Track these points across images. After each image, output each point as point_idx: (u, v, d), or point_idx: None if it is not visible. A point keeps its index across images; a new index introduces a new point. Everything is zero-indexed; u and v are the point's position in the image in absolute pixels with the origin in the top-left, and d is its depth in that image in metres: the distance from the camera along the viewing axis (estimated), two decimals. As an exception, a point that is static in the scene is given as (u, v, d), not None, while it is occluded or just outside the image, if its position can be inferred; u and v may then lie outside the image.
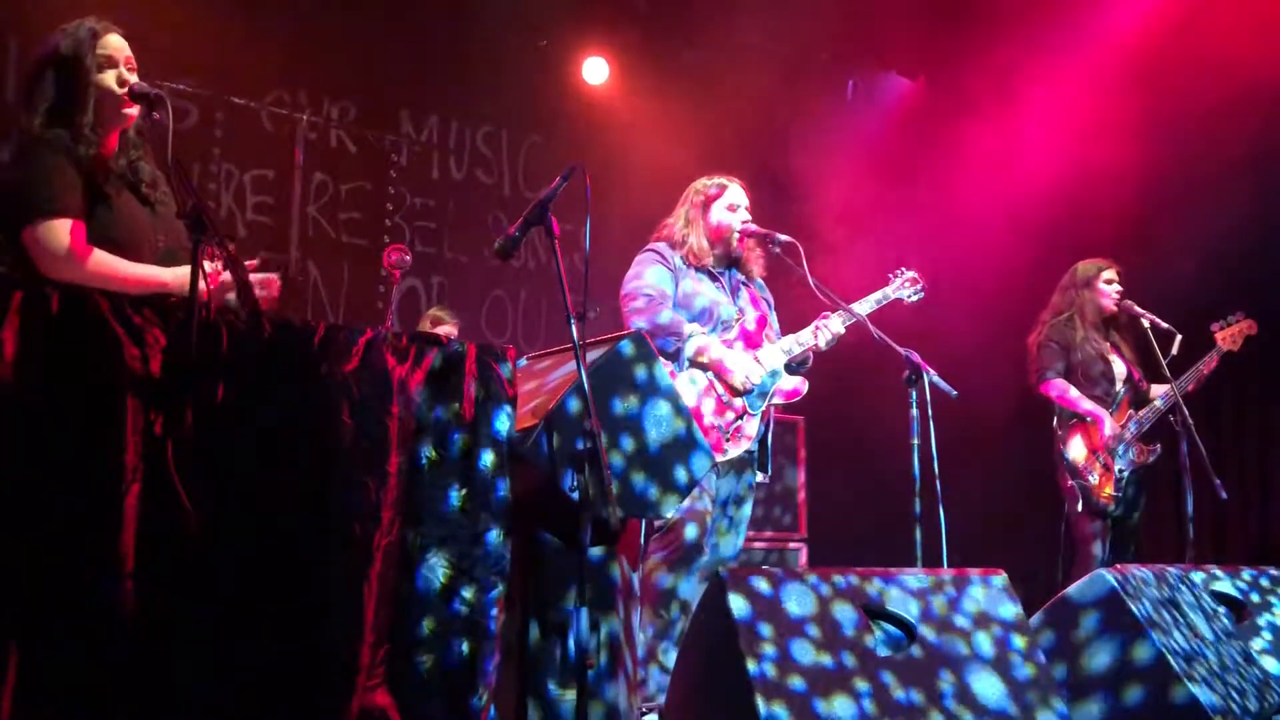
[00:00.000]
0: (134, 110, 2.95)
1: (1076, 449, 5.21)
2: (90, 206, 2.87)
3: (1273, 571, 3.94)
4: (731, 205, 4.34)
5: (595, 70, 7.22)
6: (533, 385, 3.12)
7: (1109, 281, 5.40)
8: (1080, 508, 5.15)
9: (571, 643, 2.74)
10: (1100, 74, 6.56)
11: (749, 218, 4.35)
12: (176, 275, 2.84)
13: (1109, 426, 5.16)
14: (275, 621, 2.25)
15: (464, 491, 2.54)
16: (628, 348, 3.10)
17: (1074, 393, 5.25)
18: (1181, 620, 3.37)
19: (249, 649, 2.21)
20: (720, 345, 4.16)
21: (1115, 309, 5.38)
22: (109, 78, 2.93)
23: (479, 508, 2.55)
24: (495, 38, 6.63)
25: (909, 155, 7.42)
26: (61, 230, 2.79)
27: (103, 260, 2.82)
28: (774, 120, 7.30)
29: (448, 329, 5.89)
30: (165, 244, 2.98)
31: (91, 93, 2.91)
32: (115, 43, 2.98)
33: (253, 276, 2.91)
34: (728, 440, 4.09)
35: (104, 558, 2.09)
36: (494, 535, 2.55)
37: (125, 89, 2.92)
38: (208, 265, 2.75)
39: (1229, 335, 5.32)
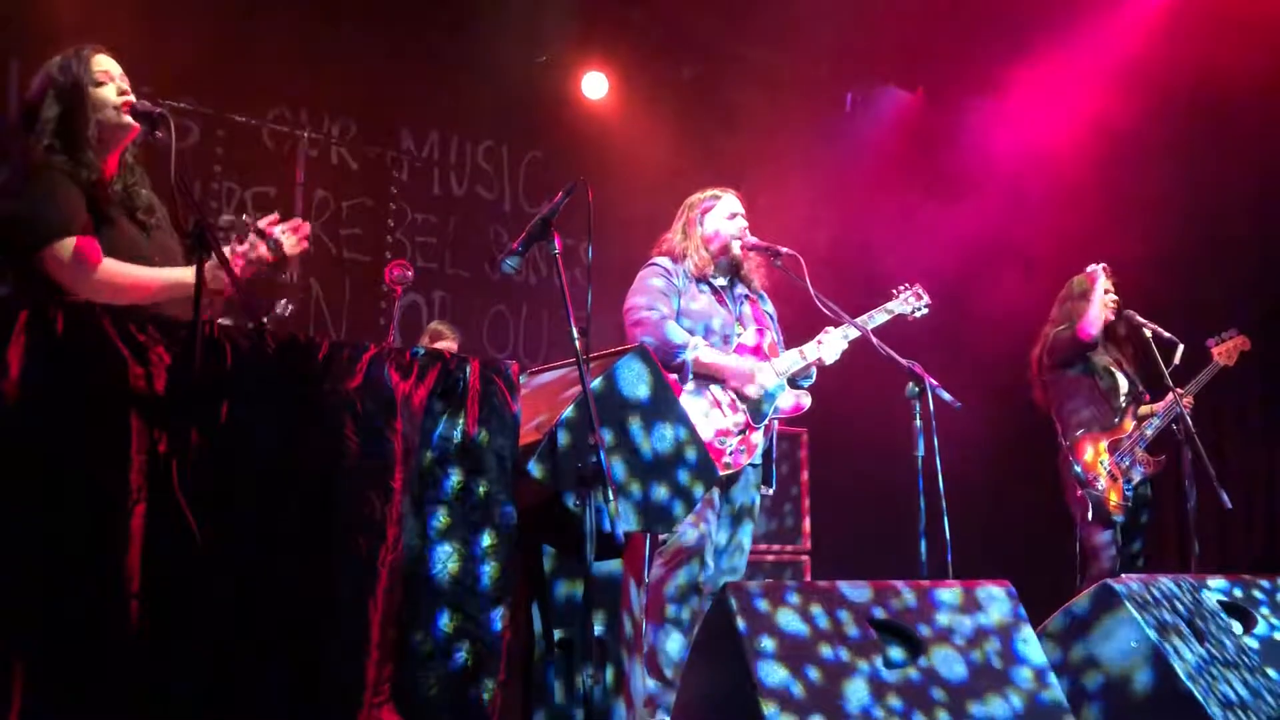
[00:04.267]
0: (131, 120, 2.98)
1: (1084, 460, 5.20)
2: (94, 228, 2.89)
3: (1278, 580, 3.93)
4: (727, 215, 4.34)
5: (595, 85, 7.24)
6: (536, 400, 3.11)
7: (1105, 292, 5.41)
8: (1090, 518, 5.14)
9: (577, 658, 2.73)
10: (1098, 83, 6.58)
11: (746, 225, 4.35)
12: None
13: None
14: (281, 639, 2.25)
15: (467, 507, 2.54)
16: (632, 361, 3.10)
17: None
18: (1187, 630, 3.36)
19: (255, 667, 2.21)
20: (722, 360, 4.15)
21: (1113, 319, 5.38)
22: (107, 92, 2.97)
23: (483, 523, 2.54)
24: (495, 54, 6.65)
25: (908, 167, 7.43)
26: (80, 247, 2.82)
27: (122, 270, 2.86)
28: (773, 133, 7.32)
29: (447, 344, 5.89)
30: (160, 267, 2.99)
31: (91, 108, 2.94)
32: (106, 62, 3.03)
33: (279, 227, 2.96)
34: (731, 454, 4.08)
35: (109, 577, 2.09)
36: (499, 551, 2.55)
37: (124, 98, 2.96)
38: (225, 252, 2.79)
39: (1224, 351, 5.33)
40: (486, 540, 2.54)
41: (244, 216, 2.96)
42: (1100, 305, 5.27)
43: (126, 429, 2.16)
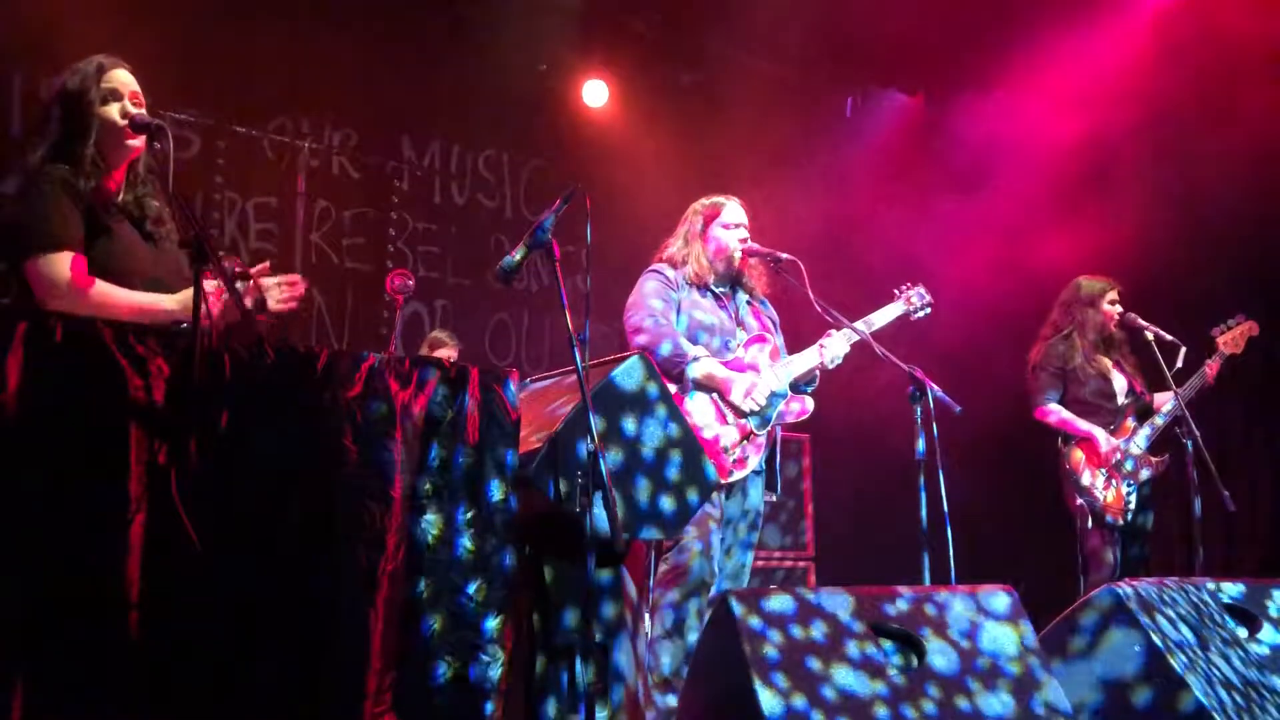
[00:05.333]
0: (138, 142, 2.98)
1: (1082, 466, 5.19)
2: (90, 238, 2.90)
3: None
4: (730, 223, 4.34)
5: (595, 93, 7.26)
6: (536, 407, 3.12)
7: (1112, 302, 5.40)
8: (1090, 523, 5.13)
9: (578, 664, 2.73)
10: (1099, 85, 6.58)
11: (748, 235, 4.35)
12: (178, 300, 2.87)
13: (1105, 443, 5.16)
14: (281, 649, 2.25)
15: (469, 515, 2.54)
16: (632, 368, 3.10)
17: (1068, 415, 5.26)
18: (1191, 633, 3.35)
19: (255, 677, 2.21)
20: (724, 367, 4.15)
21: (1115, 329, 5.38)
22: (112, 111, 2.97)
23: (484, 532, 2.55)
24: (496, 62, 6.66)
25: (910, 171, 7.44)
26: (62, 263, 2.81)
27: (103, 291, 2.84)
28: (774, 138, 7.32)
29: (447, 351, 5.90)
30: (163, 278, 2.99)
31: (94, 125, 2.94)
32: (121, 77, 3.01)
33: (273, 280, 2.93)
34: (734, 461, 4.08)
35: (109, 587, 2.09)
36: (500, 559, 2.55)
37: (125, 121, 2.95)
38: (209, 285, 2.77)
39: (1230, 338, 5.30)
40: (487, 548, 2.54)
41: (233, 268, 2.92)
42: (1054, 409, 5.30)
43: (125, 439, 2.16)
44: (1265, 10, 5.89)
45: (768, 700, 2.67)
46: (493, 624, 2.50)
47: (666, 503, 3.06)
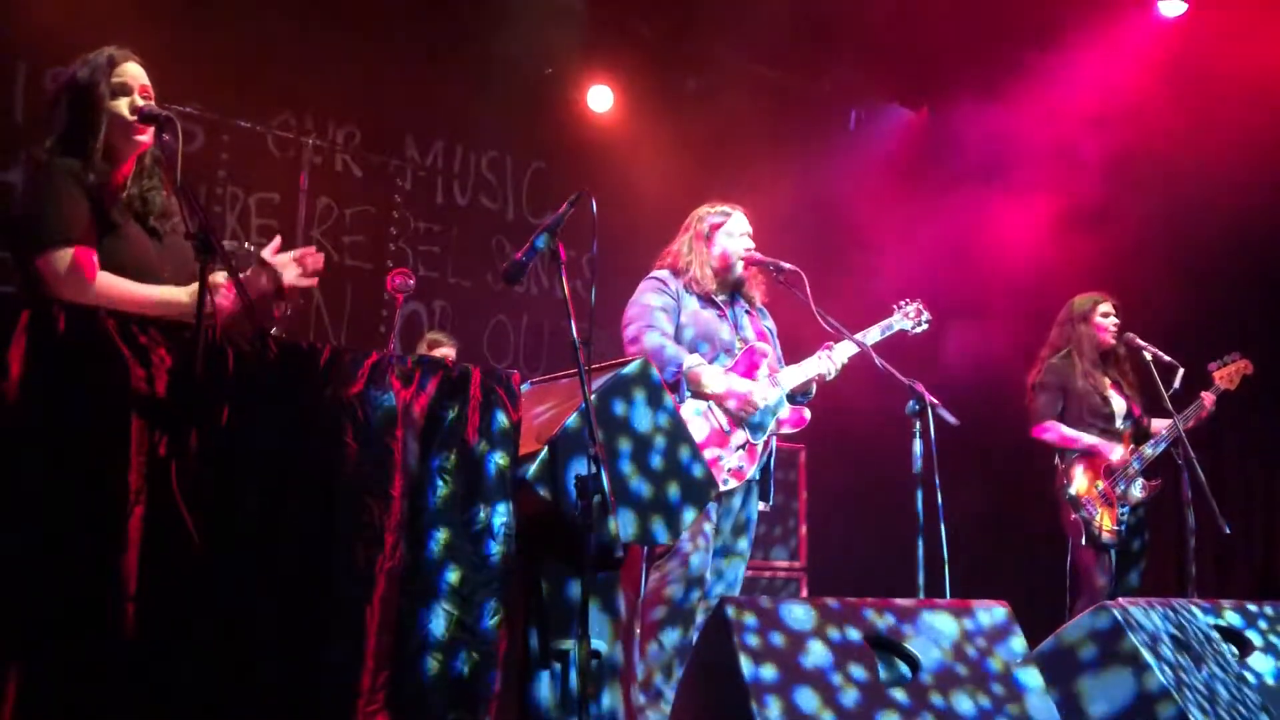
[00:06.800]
0: (146, 137, 2.97)
1: (1079, 483, 5.19)
2: (98, 235, 2.88)
3: (1276, 605, 3.92)
4: (733, 232, 4.34)
5: (600, 98, 7.27)
6: (536, 410, 3.11)
7: (1105, 315, 5.40)
8: (1084, 541, 5.13)
9: (572, 671, 2.73)
10: (1100, 106, 6.59)
11: (752, 245, 4.35)
12: (191, 294, 2.85)
13: (1116, 453, 5.16)
14: (277, 645, 2.24)
15: (467, 516, 2.53)
16: (632, 373, 3.10)
17: (1071, 431, 5.26)
18: (1184, 654, 3.35)
19: (250, 672, 2.20)
20: (721, 375, 4.15)
21: (1113, 343, 5.38)
22: (122, 104, 2.95)
23: (483, 532, 2.54)
24: (501, 64, 6.67)
25: (912, 185, 7.44)
26: (75, 258, 2.79)
27: (114, 284, 2.82)
28: (777, 149, 7.33)
29: (445, 350, 5.90)
30: (170, 275, 2.97)
31: (104, 119, 2.92)
32: (132, 70, 3.00)
33: (286, 255, 2.88)
34: (729, 471, 4.08)
35: (107, 579, 2.08)
36: (497, 560, 2.54)
37: (134, 116, 2.94)
38: (220, 276, 2.77)
39: (1226, 375, 5.32)
40: (485, 549, 2.54)
41: (246, 244, 2.92)
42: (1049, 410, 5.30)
43: (127, 431, 2.15)
44: (1265, 27, 5.91)
45: (761, 710, 2.66)
46: (488, 625, 2.50)
47: (663, 509, 3.05)
